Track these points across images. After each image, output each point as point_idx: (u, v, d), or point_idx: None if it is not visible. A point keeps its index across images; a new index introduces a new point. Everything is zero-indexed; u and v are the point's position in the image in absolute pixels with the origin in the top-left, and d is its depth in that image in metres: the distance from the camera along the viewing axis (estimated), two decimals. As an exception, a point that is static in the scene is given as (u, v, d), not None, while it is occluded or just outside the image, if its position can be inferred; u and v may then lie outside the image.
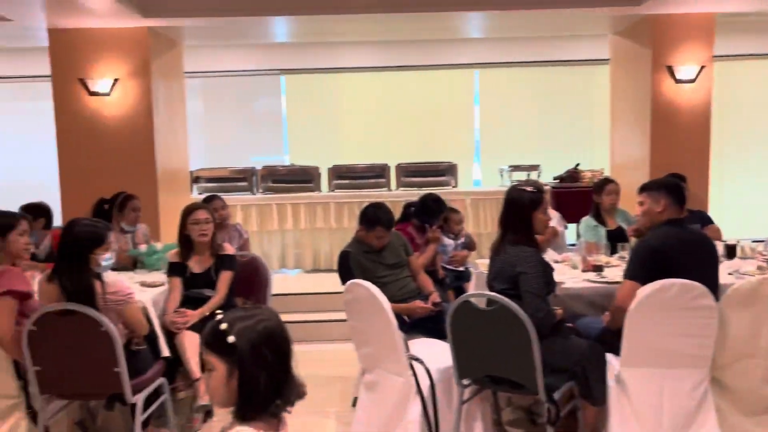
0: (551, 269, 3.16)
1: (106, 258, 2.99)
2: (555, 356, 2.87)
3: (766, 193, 7.20)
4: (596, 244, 4.37)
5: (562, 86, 8.03)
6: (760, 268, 3.68)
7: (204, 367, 1.42)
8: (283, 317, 1.49)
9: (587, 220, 4.79)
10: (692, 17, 5.41)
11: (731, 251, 4.24)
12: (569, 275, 3.67)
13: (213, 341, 1.39)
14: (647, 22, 5.49)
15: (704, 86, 5.50)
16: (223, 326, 1.38)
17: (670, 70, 5.45)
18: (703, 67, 5.43)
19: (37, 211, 4.60)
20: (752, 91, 7.59)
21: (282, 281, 6.24)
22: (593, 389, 2.88)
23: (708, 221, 5.00)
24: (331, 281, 4.38)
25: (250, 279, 4.09)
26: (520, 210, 3.05)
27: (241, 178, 6.99)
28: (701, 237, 3.23)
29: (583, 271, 3.73)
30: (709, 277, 2.98)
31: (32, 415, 2.94)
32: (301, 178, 7.00)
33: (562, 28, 6.59)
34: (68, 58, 5.51)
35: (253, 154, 8.15)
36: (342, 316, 3.34)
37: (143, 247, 4.34)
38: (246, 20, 5.43)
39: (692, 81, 5.45)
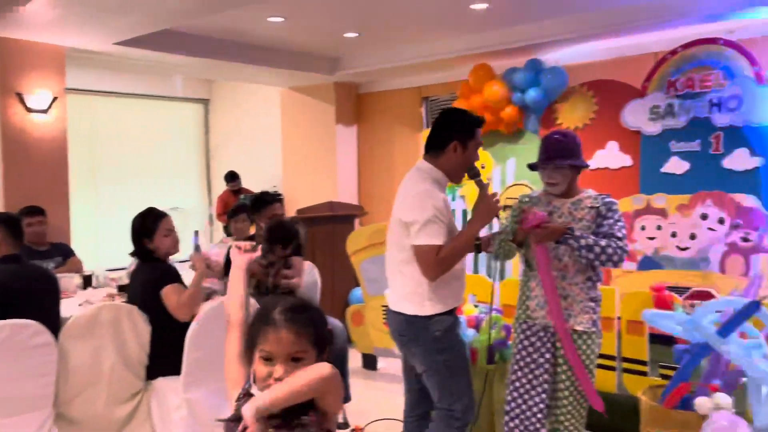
0: None
1: None
2: None
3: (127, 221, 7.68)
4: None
5: None
6: (110, 295, 3.84)
7: None
8: None
9: None
10: (42, 47, 5.30)
11: (87, 281, 4.32)
12: None
13: None
14: (-7, 45, 5.09)
15: (59, 117, 5.46)
16: None
17: (21, 98, 5.20)
18: (56, 98, 5.39)
19: None
20: (110, 125, 7.95)
21: None
22: None
23: (70, 253, 4.98)
24: None
25: None
26: None
27: None
28: (40, 271, 3.14)
29: None
30: (49, 313, 2.90)
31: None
32: None
33: None
34: None
35: None
36: None
37: None
38: None
39: (45, 111, 5.33)
